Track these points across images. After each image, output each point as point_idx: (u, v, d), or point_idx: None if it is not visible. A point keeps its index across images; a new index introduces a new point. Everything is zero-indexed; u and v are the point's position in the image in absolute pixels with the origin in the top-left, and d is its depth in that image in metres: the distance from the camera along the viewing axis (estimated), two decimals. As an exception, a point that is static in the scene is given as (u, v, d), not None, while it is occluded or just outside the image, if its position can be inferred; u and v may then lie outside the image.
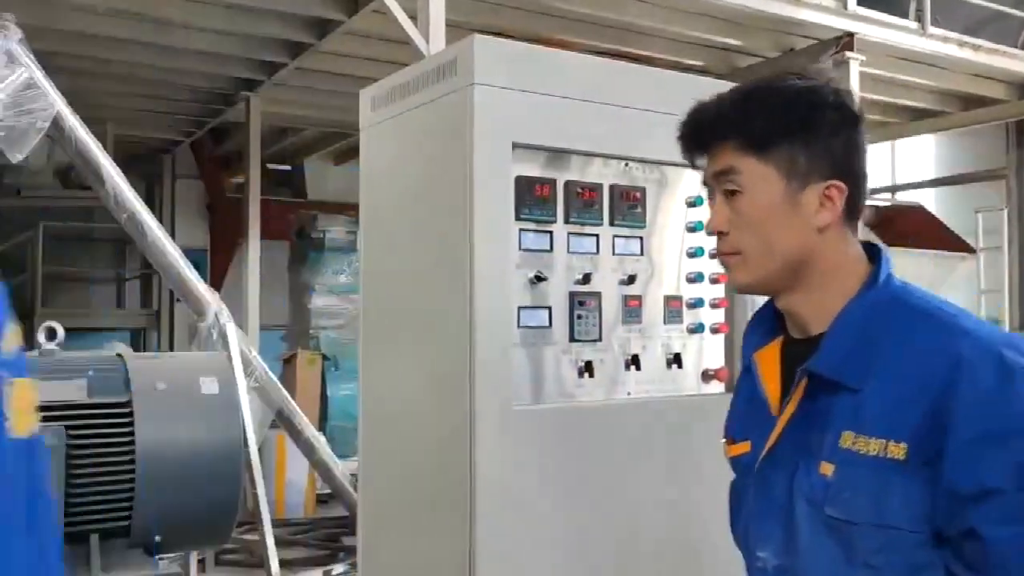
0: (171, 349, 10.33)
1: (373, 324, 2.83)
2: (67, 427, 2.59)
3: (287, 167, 11.72)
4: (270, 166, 10.63)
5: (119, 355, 2.98)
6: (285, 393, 5.01)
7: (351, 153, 11.47)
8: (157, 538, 2.78)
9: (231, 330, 4.57)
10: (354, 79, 7.61)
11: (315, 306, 8.79)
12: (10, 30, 3.98)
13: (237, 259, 10.41)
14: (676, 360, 2.67)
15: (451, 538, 2.32)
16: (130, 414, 2.74)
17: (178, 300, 11.19)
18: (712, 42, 7.19)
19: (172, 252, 4.54)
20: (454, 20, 5.22)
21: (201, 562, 5.15)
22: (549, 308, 2.46)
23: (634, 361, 2.58)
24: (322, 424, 7.85)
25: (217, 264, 10.79)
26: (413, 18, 5.15)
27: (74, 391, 2.73)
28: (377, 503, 2.76)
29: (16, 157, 3.94)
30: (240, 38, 6.80)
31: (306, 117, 9.47)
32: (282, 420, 4.97)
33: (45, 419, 2.61)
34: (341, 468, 5.18)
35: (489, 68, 2.35)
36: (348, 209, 9.95)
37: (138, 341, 11.18)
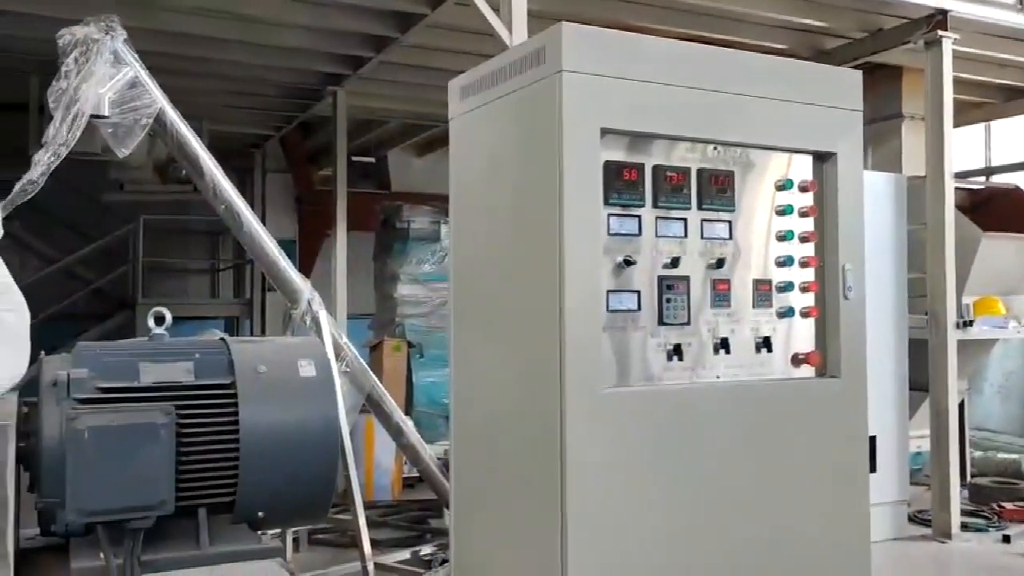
0: (263, 336, 10.68)
1: (463, 310, 2.90)
2: (176, 406, 2.73)
3: (371, 159, 11.94)
4: (355, 158, 10.84)
5: (222, 339, 3.12)
6: (374, 378, 5.13)
7: (434, 144, 11.62)
8: (260, 514, 2.91)
9: (323, 316, 4.71)
10: (437, 71, 7.71)
11: (400, 295, 8.96)
12: (116, 31, 4.16)
13: (324, 250, 10.68)
14: (766, 344, 2.66)
15: (542, 519, 2.37)
16: (234, 395, 2.86)
17: (269, 289, 11.61)
18: (796, 24, 7.04)
19: (267, 242, 4.70)
20: (536, 10, 5.23)
21: (295, 540, 5.34)
22: (638, 292, 2.48)
23: (723, 345, 2.59)
24: (407, 410, 8.00)
25: (305, 254, 11.08)
26: (496, 9, 5.20)
27: (182, 373, 2.88)
28: (469, 484, 2.84)
29: (122, 152, 4.14)
30: (327, 34, 6.96)
31: (390, 110, 9.62)
32: (371, 404, 5.10)
33: (156, 398, 2.76)
34: (429, 452, 5.28)
35: (577, 55, 2.38)
36: (431, 199, 10.10)
37: (231, 329, 11.58)
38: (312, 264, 10.72)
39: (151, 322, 3.09)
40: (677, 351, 2.52)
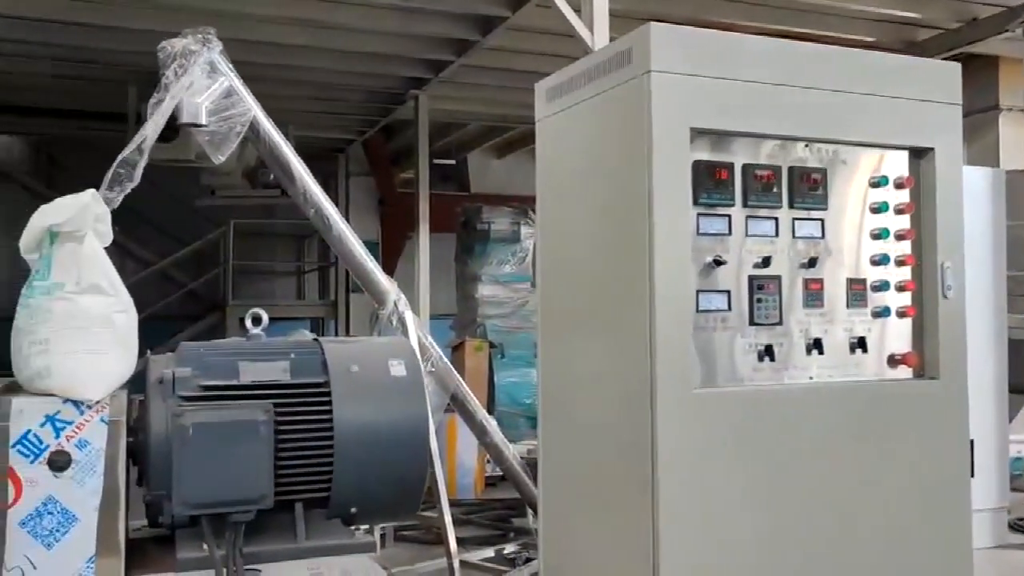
0: (348, 336, 10.92)
1: (551, 311, 2.92)
2: (274, 404, 2.82)
3: (451, 161, 12.08)
4: (435, 161, 11.00)
5: (316, 339, 3.21)
6: (459, 377, 5.19)
7: (513, 146, 11.69)
8: (353, 510, 2.99)
9: (409, 317, 4.79)
10: (517, 73, 7.77)
11: (481, 295, 9.06)
12: (212, 43, 4.31)
13: (406, 251, 10.86)
14: (860, 344, 2.61)
15: (633, 519, 2.38)
16: (328, 394, 2.94)
17: (353, 290, 11.85)
18: (886, 15, 6.85)
19: (355, 244, 4.80)
20: (618, 10, 5.23)
21: (382, 536, 5.45)
22: (727, 292, 2.47)
23: (816, 345, 2.55)
24: (489, 410, 8.08)
25: (388, 256, 11.28)
26: (577, 10, 5.21)
27: (279, 372, 2.97)
28: (558, 484, 2.86)
29: (218, 159, 4.28)
30: (409, 39, 7.08)
31: (470, 112, 9.73)
32: (456, 403, 5.16)
33: (255, 396, 2.86)
34: (512, 451, 5.32)
35: (665, 55, 2.38)
36: (511, 200, 10.17)
37: (317, 329, 11.87)
38: (394, 265, 10.91)
39: (248, 322, 3.19)
40: (768, 352, 2.49)
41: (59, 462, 2.57)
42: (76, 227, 2.70)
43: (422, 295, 8.08)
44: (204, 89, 4.19)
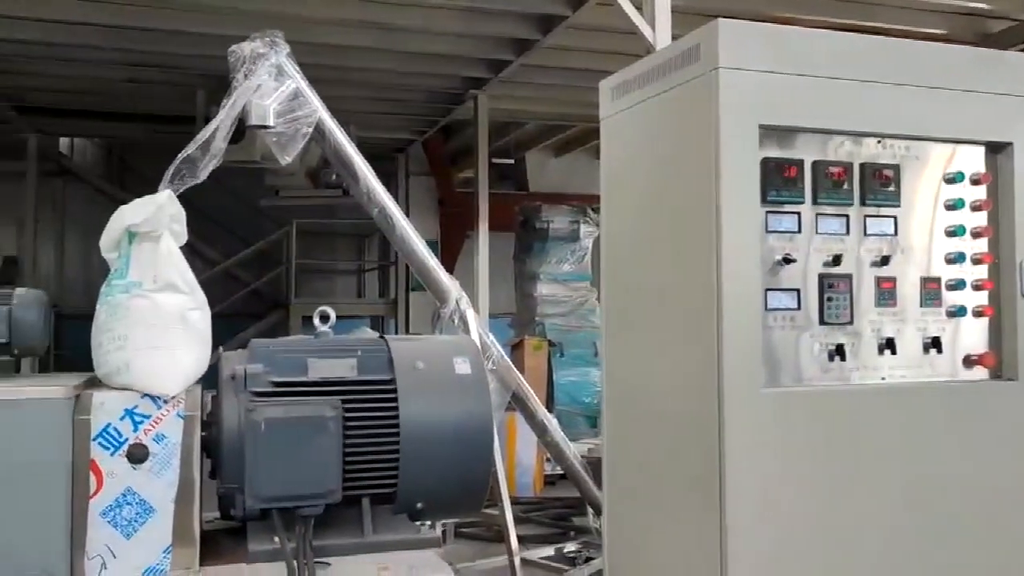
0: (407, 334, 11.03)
1: (615, 310, 2.92)
2: (341, 400, 2.87)
3: (510, 160, 12.11)
4: (494, 160, 11.04)
5: (381, 337, 3.26)
6: (519, 376, 5.21)
7: (572, 144, 11.68)
8: (419, 505, 3.03)
9: (471, 315, 4.82)
10: (577, 72, 7.76)
11: (540, 294, 9.07)
12: (279, 46, 4.40)
13: (465, 250, 10.92)
14: (934, 344, 2.55)
15: (700, 518, 2.36)
16: (394, 390, 2.98)
17: (413, 289, 11.95)
18: (957, 7, 6.67)
19: (417, 243, 4.85)
20: (680, 6, 5.19)
21: (443, 533, 5.50)
22: (797, 290, 2.44)
23: (888, 345, 2.50)
24: (548, 408, 8.08)
25: (447, 255, 11.36)
26: (639, 8, 5.18)
27: (347, 369, 3.02)
28: (622, 484, 2.85)
29: (285, 160, 4.37)
30: (470, 39, 7.12)
31: (529, 112, 9.74)
32: (517, 402, 5.18)
33: (323, 393, 2.91)
34: (572, 449, 5.32)
35: (734, 51, 2.36)
36: (569, 199, 10.17)
37: (376, 327, 12.01)
38: (453, 265, 10.98)
39: (316, 320, 3.25)
40: (839, 351, 2.45)
41: (137, 455, 2.66)
42: (153, 227, 2.79)
43: (481, 294, 8.12)
44: (271, 91, 4.27)
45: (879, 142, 2.54)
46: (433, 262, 4.92)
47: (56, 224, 12.11)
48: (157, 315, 2.74)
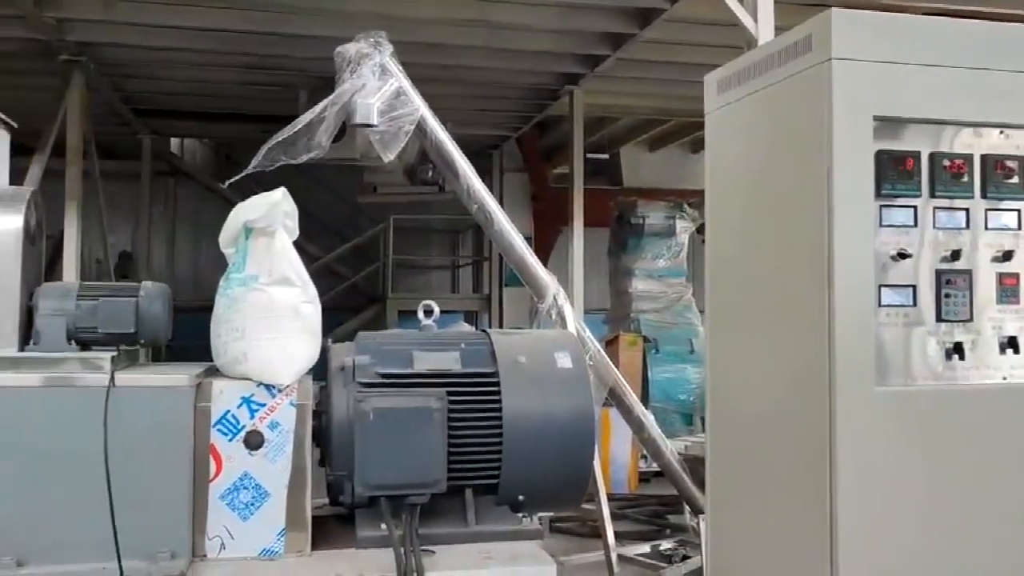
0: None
1: (721, 306, 2.89)
2: (447, 392, 2.93)
3: (604, 156, 12.07)
4: (588, 155, 11.03)
5: (484, 331, 3.30)
6: (616, 371, 5.20)
7: (667, 139, 11.57)
8: (520, 497, 3.06)
9: (568, 310, 4.85)
10: (673, 66, 7.69)
11: (635, 290, 9.01)
12: (383, 46, 4.51)
13: (558, 245, 10.94)
14: (1061, 344, 2.44)
15: (809, 520, 2.32)
16: (497, 383, 3.03)
17: (506, 285, 12.03)
18: (1080, -12, 6.33)
19: (515, 239, 4.90)
20: (781, -2, 5.09)
21: (538, 527, 5.53)
22: (912, 287, 2.37)
23: (1011, 344, 2.40)
24: (643, 405, 8.03)
25: (540, 251, 11.36)
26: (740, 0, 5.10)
27: (451, 361, 3.08)
28: (727, 483, 2.82)
29: (388, 157, 4.47)
30: (568, 34, 7.13)
31: (625, 106, 9.70)
32: (614, 397, 5.17)
33: (429, 384, 2.98)
34: (669, 447, 5.28)
35: (847, 41, 2.31)
36: (664, 194, 10.07)
37: (470, 323, 12.14)
38: (546, 260, 10.95)
39: (420, 314, 3.32)
40: (957, 349, 2.37)
41: (254, 441, 2.77)
42: (268, 223, 2.90)
43: (576, 289, 8.13)
44: (375, 91, 4.38)
45: (1001, 132, 2.44)
46: (531, 258, 4.97)
47: (167, 221, 12.69)
48: (272, 308, 2.84)
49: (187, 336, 3.87)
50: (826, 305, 2.28)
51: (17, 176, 3.26)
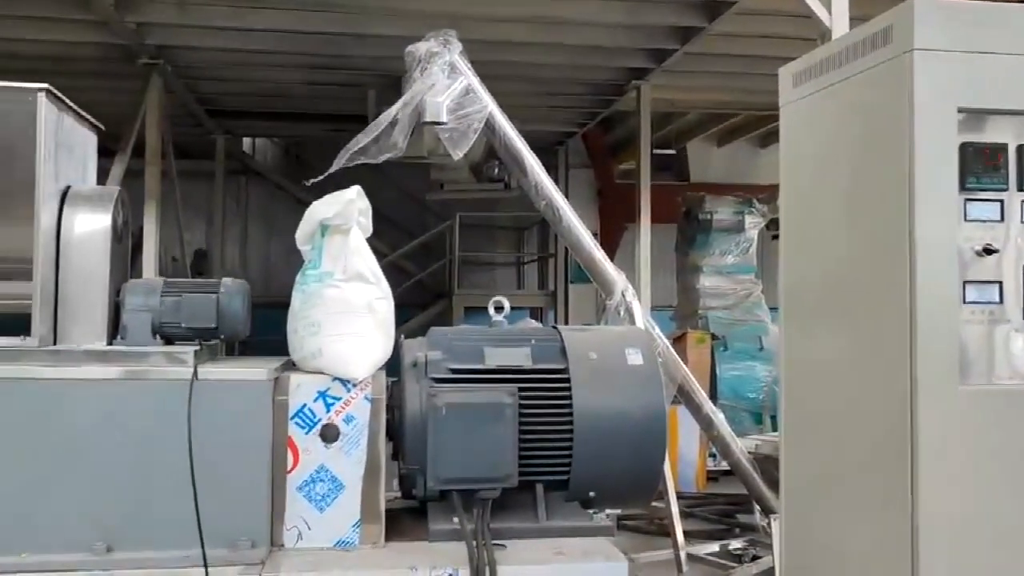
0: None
1: (796, 302, 2.84)
2: (518, 388, 2.95)
3: (671, 151, 11.96)
4: (654, 151, 10.94)
5: (554, 327, 3.31)
6: (685, 368, 5.16)
7: (735, 133, 11.41)
8: (591, 494, 3.06)
9: (636, 307, 4.81)
10: (743, 59, 7.58)
11: (703, 286, 8.92)
12: (452, 44, 4.54)
13: (624, 242, 10.89)
14: None
15: (890, 518, 2.27)
16: (567, 380, 3.03)
17: (572, 281, 12.01)
18: None
19: (584, 235, 4.89)
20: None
21: (605, 524, 5.52)
22: (999, 283, 2.29)
23: (1102, 342, 2.31)
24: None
25: (605, 247, 11.31)
26: (812, -11, 4.99)
27: (521, 357, 3.09)
28: (802, 483, 2.77)
29: (457, 155, 4.50)
30: (635, 29, 7.09)
31: (692, 100, 9.61)
32: (683, 395, 5.13)
33: (499, 380, 3.00)
34: (739, 444, 5.22)
35: (930, 31, 2.25)
36: (731, 189, 9.93)
37: (536, 319, 12.16)
38: (612, 256, 10.90)
39: (491, 310, 3.34)
40: (1047, 347, 2.30)
41: (330, 434, 2.83)
42: (343, 220, 2.95)
43: (643, 286, 8.08)
44: (444, 89, 4.42)
45: (1096, 122, 2.34)
46: (600, 254, 4.95)
47: (239, 219, 13.00)
48: (347, 303, 2.90)
49: (257, 331, 3.98)
50: (908, 302, 2.22)
51: (100, 176, 3.38)
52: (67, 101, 2.91)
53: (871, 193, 2.41)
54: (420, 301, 12.50)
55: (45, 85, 2.75)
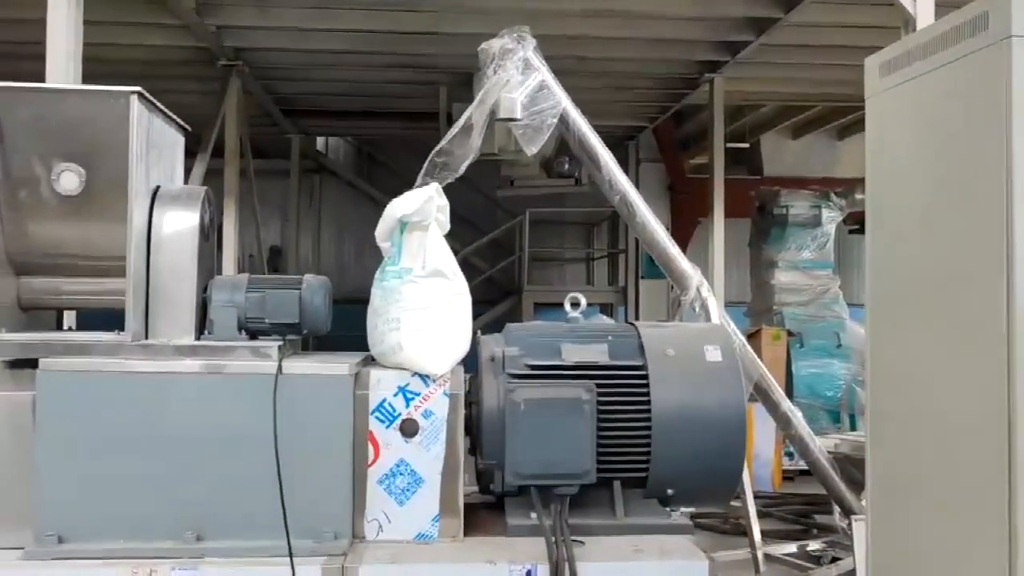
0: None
1: (884, 299, 2.76)
2: (595, 384, 2.93)
3: (744, 145, 11.76)
4: (727, 144, 10.77)
5: (631, 323, 3.29)
6: (762, 366, 5.08)
7: (811, 126, 11.15)
8: (669, 491, 3.03)
9: (712, 303, 4.76)
10: (821, 49, 7.41)
11: (778, 282, 8.74)
12: (526, 40, 4.54)
13: (696, 237, 10.75)
14: None
15: (984, 525, 2.20)
16: (645, 376, 3.01)
17: (642, 277, 11.92)
18: None
19: (658, 230, 4.85)
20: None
21: (680, 522, 5.46)
22: (1104, 279, 2.19)
23: None
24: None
25: (677, 242, 11.18)
26: (895, -23, 4.85)
27: (598, 354, 3.08)
28: (889, 483, 2.70)
29: (531, 151, 4.50)
30: (709, 22, 6.99)
31: (767, 93, 9.43)
32: (759, 392, 5.05)
33: (577, 376, 2.99)
34: (818, 443, 5.11)
35: (1029, 17, 2.16)
36: (807, 183, 9.71)
37: (606, 315, 12.11)
38: (684, 251, 10.79)
39: (567, 306, 3.34)
40: None
41: (409, 429, 2.86)
42: (422, 217, 2.98)
43: (717, 281, 7.96)
44: (518, 85, 4.42)
45: None
46: (674, 249, 4.91)
47: (313, 216, 13.24)
48: (426, 299, 2.93)
49: (333, 327, 4.04)
50: (1005, 299, 2.15)
51: (184, 176, 3.48)
52: (156, 103, 3.00)
53: (966, 187, 2.33)
54: (490, 297, 12.55)
55: (137, 88, 2.83)
